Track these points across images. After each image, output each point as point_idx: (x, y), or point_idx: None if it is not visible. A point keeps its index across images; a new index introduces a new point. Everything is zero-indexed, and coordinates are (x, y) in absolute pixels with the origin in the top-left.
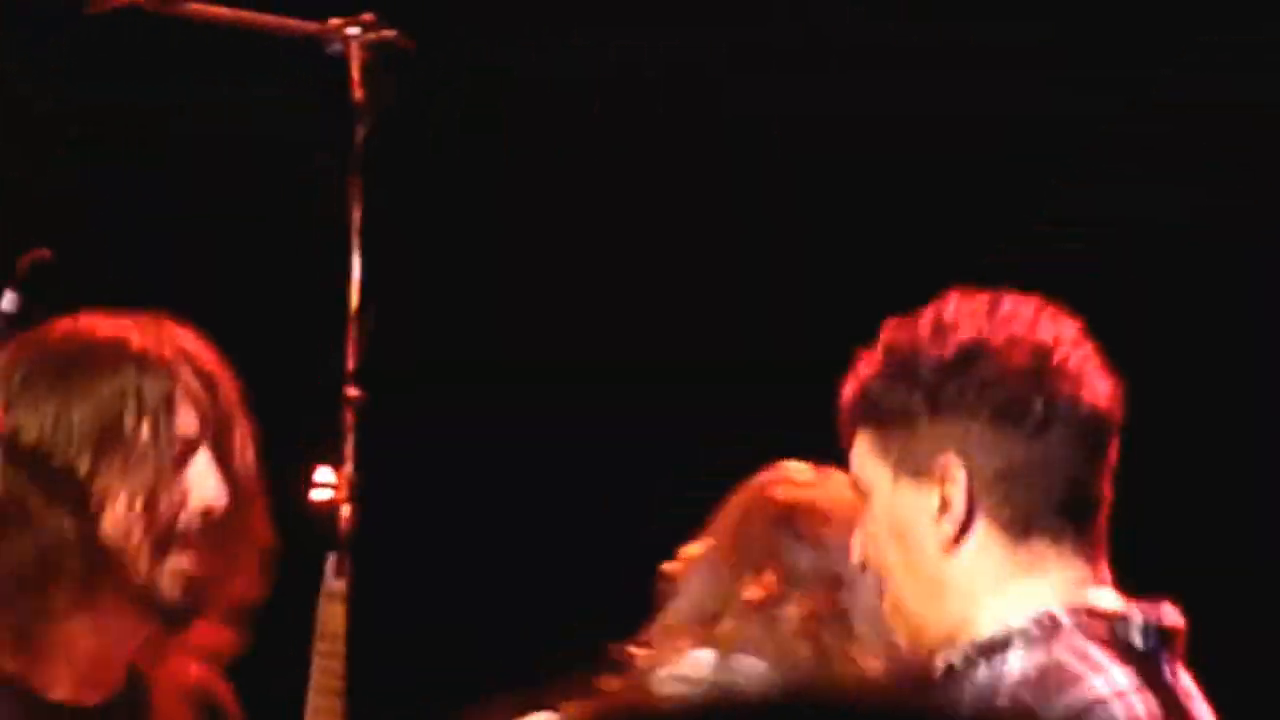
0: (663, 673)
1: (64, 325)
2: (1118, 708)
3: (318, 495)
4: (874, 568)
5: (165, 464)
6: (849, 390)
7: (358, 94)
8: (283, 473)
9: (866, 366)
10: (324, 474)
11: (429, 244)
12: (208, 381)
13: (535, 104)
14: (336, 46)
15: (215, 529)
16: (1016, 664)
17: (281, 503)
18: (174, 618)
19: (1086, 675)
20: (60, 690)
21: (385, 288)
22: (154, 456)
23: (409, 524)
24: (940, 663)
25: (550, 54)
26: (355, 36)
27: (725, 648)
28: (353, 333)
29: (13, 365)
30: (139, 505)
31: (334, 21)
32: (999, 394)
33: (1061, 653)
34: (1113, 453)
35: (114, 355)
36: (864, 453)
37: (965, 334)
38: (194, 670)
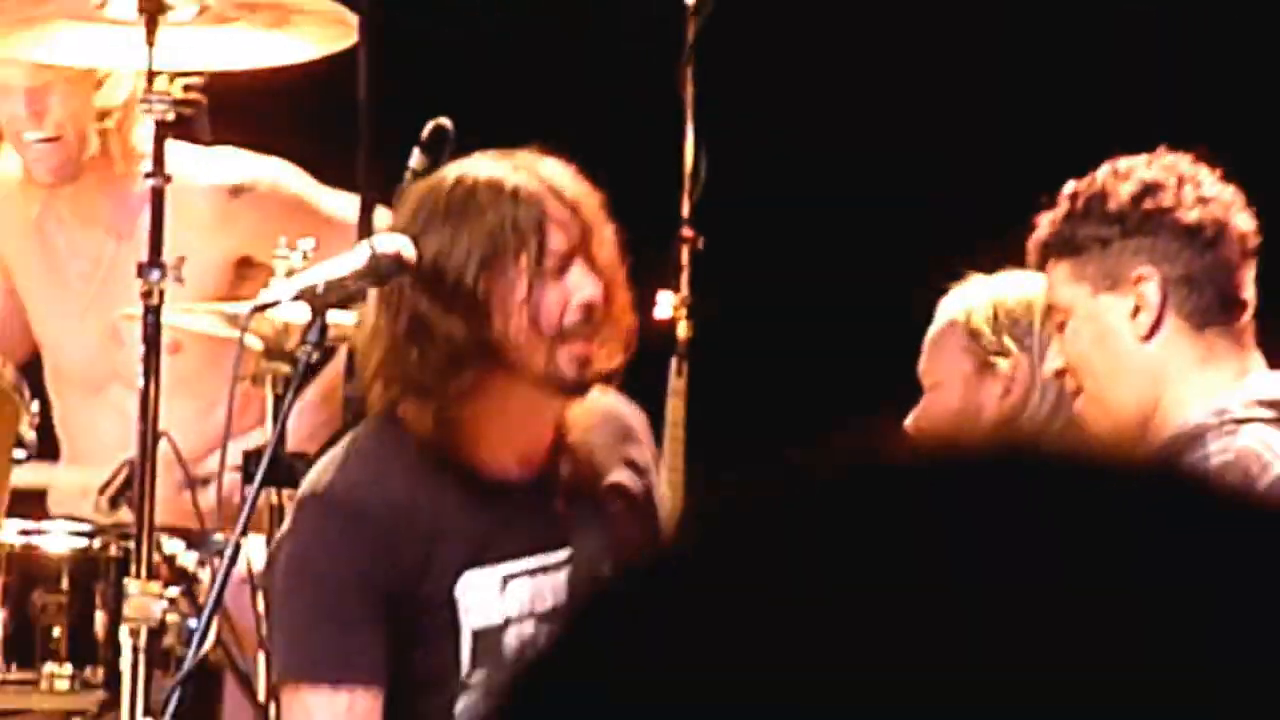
0: None
1: (453, 170)
2: None
3: (661, 313)
4: (1074, 371)
5: (544, 276)
6: (1040, 232)
7: None
8: (637, 296)
9: (1054, 210)
10: (665, 297)
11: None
12: (572, 205)
13: None
14: None
15: (595, 319)
16: (1214, 449)
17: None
18: (573, 392)
19: (1276, 462)
20: (497, 468)
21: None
22: (530, 272)
23: (737, 337)
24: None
25: None
26: None
27: None
28: (688, 184)
29: (416, 207)
30: (524, 310)
31: None
32: (1178, 217)
33: (1251, 441)
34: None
35: (493, 192)
36: (1061, 280)
37: (1142, 174)
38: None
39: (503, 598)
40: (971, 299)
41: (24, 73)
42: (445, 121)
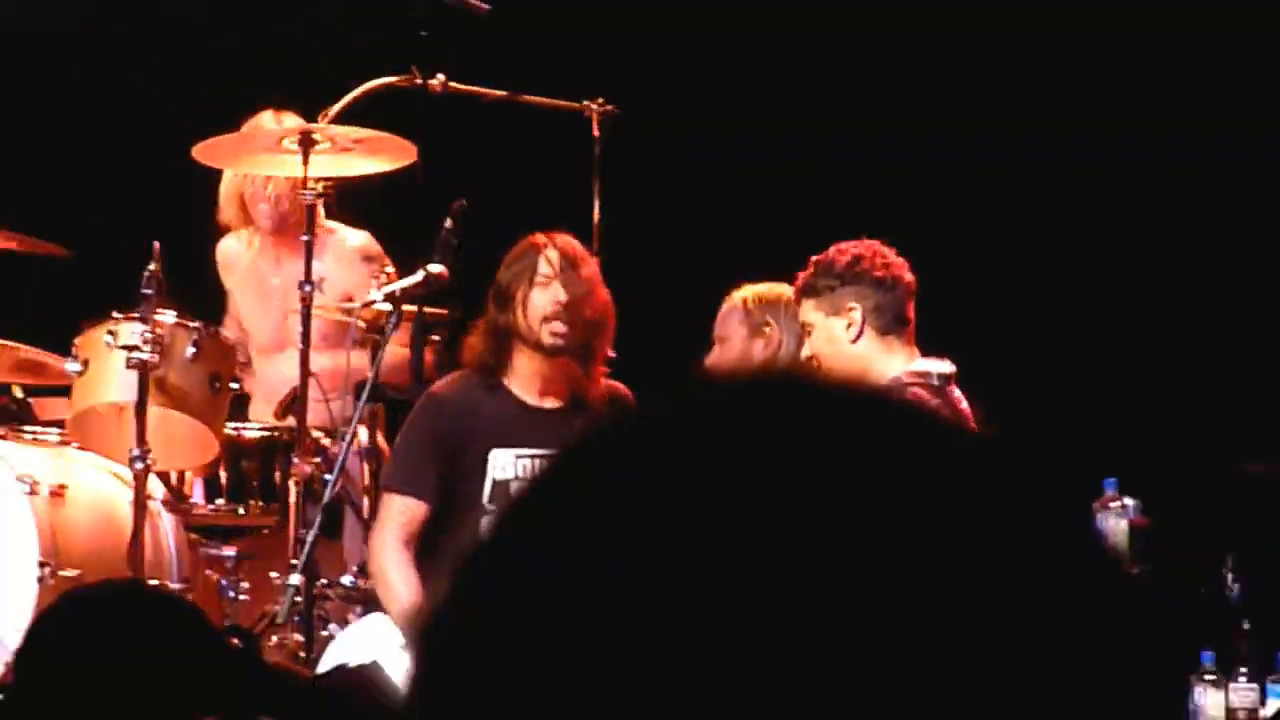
0: None
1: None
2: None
3: None
4: (816, 358)
5: (535, 287)
6: (799, 282)
7: None
8: None
9: (805, 271)
10: None
11: None
12: (566, 254)
13: None
14: None
15: (568, 314)
16: None
17: None
18: (553, 354)
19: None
20: (523, 396)
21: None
22: (526, 288)
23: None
24: None
25: None
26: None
27: None
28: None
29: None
30: (525, 306)
31: None
32: (871, 273)
33: (906, 394)
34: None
35: (525, 246)
36: (808, 309)
37: (853, 250)
38: (606, 385)
39: (514, 466)
40: (746, 291)
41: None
42: (464, 201)
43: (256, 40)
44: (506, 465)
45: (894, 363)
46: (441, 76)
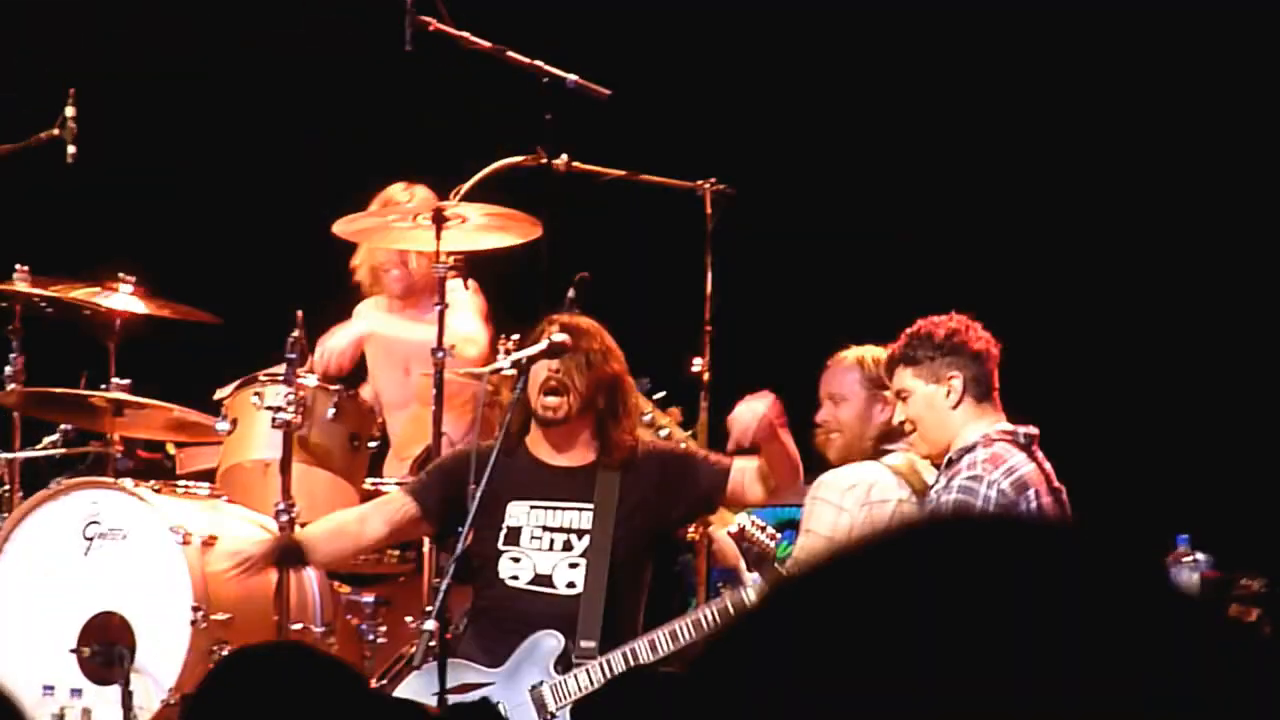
0: None
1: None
2: (1022, 462)
3: (695, 369)
4: (912, 421)
5: (535, 364)
6: (892, 351)
7: None
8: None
9: (898, 341)
10: (697, 361)
11: None
12: (566, 329)
13: None
14: None
15: (559, 386)
16: (982, 454)
17: None
18: (547, 425)
19: (1011, 453)
20: (545, 456)
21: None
22: (526, 375)
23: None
24: (945, 457)
25: None
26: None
27: None
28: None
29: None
30: (530, 379)
31: None
32: (969, 345)
33: (998, 448)
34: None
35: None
36: (906, 377)
37: (949, 324)
38: (640, 444)
39: (527, 515)
40: (861, 352)
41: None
42: (586, 274)
43: (394, 120)
44: (519, 514)
45: (984, 425)
46: (565, 156)
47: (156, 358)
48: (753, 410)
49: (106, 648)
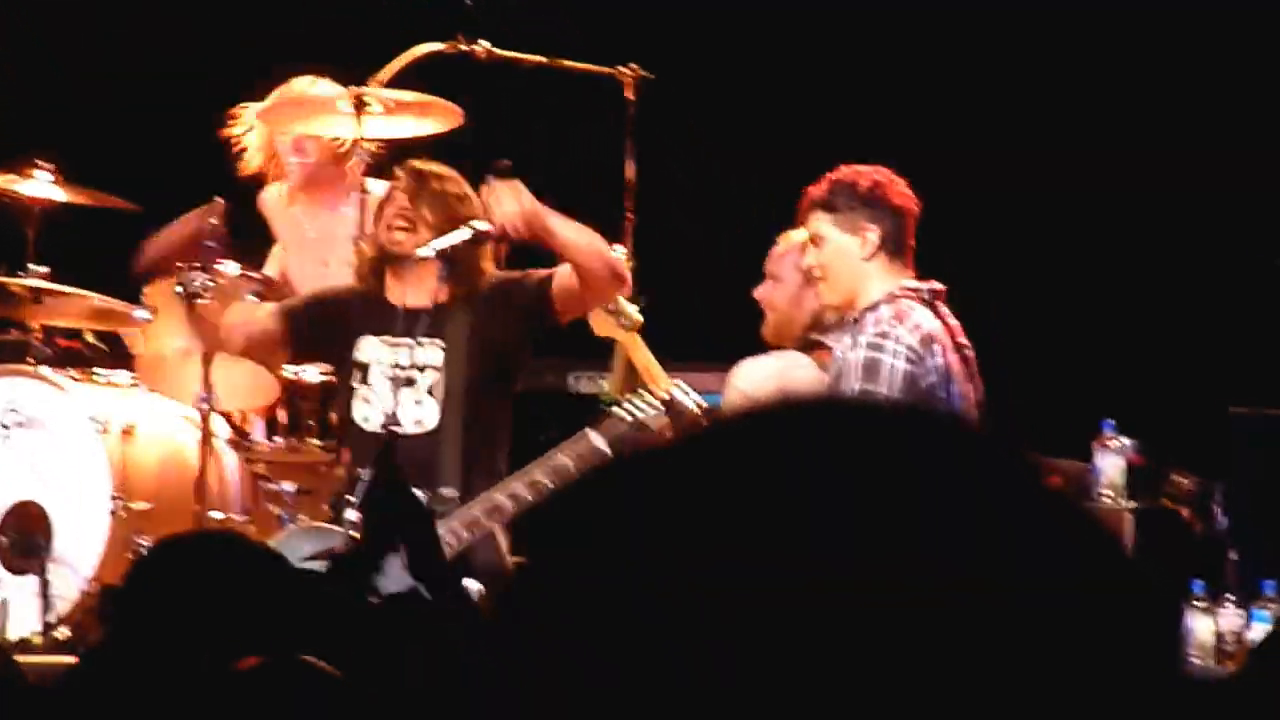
0: None
1: None
2: (927, 319)
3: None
4: (821, 268)
5: (393, 205)
6: (812, 194)
7: None
8: None
9: (819, 185)
10: (619, 249)
11: None
12: (414, 171)
13: None
14: None
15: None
16: (886, 311)
17: None
18: (395, 260)
19: (915, 309)
20: (398, 299)
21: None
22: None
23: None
24: (852, 315)
25: None
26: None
27: None
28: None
29: None
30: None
31: None
32: (888, 201)
33: (902, 304)
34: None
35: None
36: (822, 221)
37: (873, 175)
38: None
39: (376, 352)
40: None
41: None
42: (507, 161)
43: (312, 6)
44: (369, 350)
45: (891, 282)
46: (485, 43)
47: (76, 246)
48: (504, 212)
49: (24, 537)
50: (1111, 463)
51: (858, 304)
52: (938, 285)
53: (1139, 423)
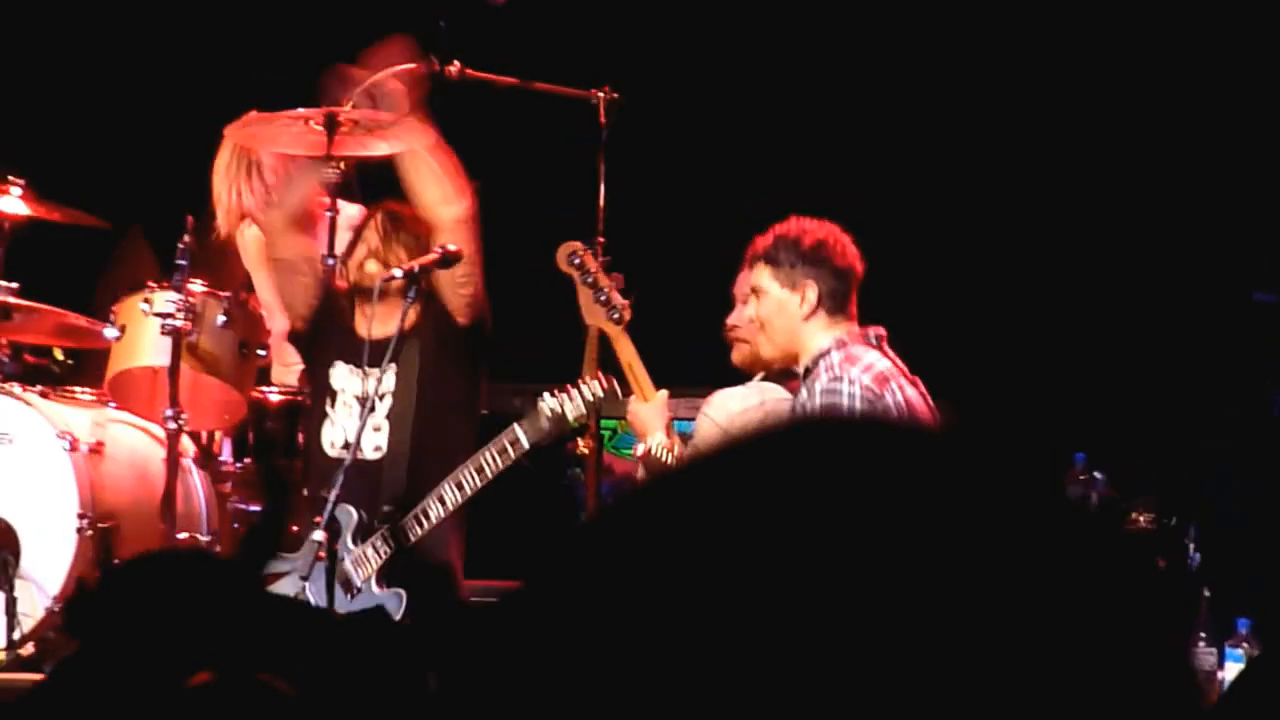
0: None
1: None
2: (877, 359)
3: None
4: (760, 323)
5: (366, 242)
6: (757, 246)
7: None
8: None
9: (765, 237)
10: None
11: None
12: (410, 220)
13: None
14: None
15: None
16: (836, 356)
17: None
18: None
19: (865, 352)
20: (364, 330)
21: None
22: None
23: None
24: (801, 366)
25: None
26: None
27: None
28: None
29: None
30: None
31: None
32: (833, 260)
33: (852, 349)
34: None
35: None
36: (763, 275)
37: (818, 232)
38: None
39: (345, 380)
40: None
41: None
42: (477, 181)
43: (282, 25)
44: (340, 378)
45: (834, 333)
46: (458, 64)
47: (45, 262)
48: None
49: None
50: (1083, 498)
51: (799, 359)
52: (880, 330)
53: (1110, 457)
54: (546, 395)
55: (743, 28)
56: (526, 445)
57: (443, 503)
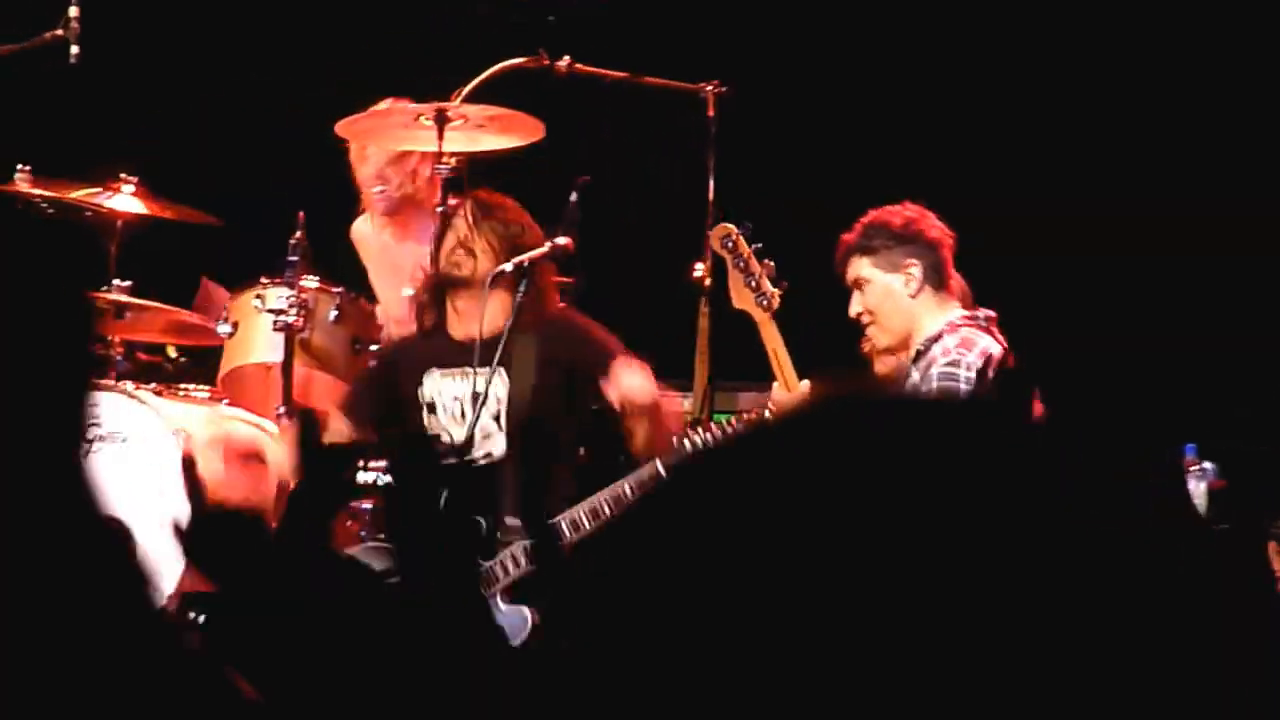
0: None
1: None
2: (991, 344)
3: (696, 274)
4: (870, 313)
5: (455, 234)
6: (848, 240)
7: None
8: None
9: (853, 231)
10: (699, 266)
11: None
12: (478, 201)
13: None
14: None
15: (463, 249)
16: (951, 340)
17: None
18: (456, 284)
19: (980, 336)
20: (460, 332)
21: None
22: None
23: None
24: (912, 349)
25: None
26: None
27: None
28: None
29: None
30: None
31: None
32: (924, 235)
33: (965, 332)
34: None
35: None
36: (862, 266)
37: (905, 213)
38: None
39: (439, 386)
40: None
41: (379, 154)
42: (588, 177)
43: (398, 21)
44: (434, 387)
45: (944, 314)
46: (568, 58)
47: (158, 260)
48: (630, 385)
49: None
50: (1194, 488)
51: (912, 342)
52: (990, 312)
53: (1220, 447)
54: (691, 431)
55: (853, 18)
56: None
57: (575, 528)
